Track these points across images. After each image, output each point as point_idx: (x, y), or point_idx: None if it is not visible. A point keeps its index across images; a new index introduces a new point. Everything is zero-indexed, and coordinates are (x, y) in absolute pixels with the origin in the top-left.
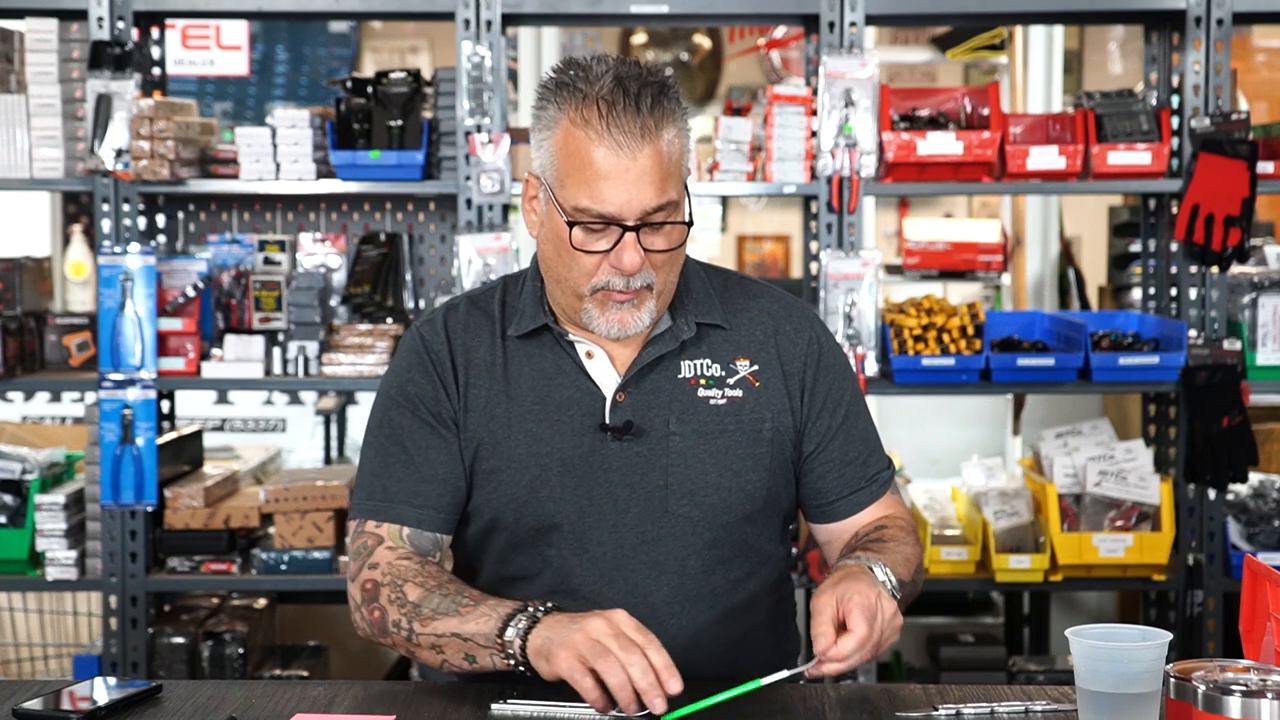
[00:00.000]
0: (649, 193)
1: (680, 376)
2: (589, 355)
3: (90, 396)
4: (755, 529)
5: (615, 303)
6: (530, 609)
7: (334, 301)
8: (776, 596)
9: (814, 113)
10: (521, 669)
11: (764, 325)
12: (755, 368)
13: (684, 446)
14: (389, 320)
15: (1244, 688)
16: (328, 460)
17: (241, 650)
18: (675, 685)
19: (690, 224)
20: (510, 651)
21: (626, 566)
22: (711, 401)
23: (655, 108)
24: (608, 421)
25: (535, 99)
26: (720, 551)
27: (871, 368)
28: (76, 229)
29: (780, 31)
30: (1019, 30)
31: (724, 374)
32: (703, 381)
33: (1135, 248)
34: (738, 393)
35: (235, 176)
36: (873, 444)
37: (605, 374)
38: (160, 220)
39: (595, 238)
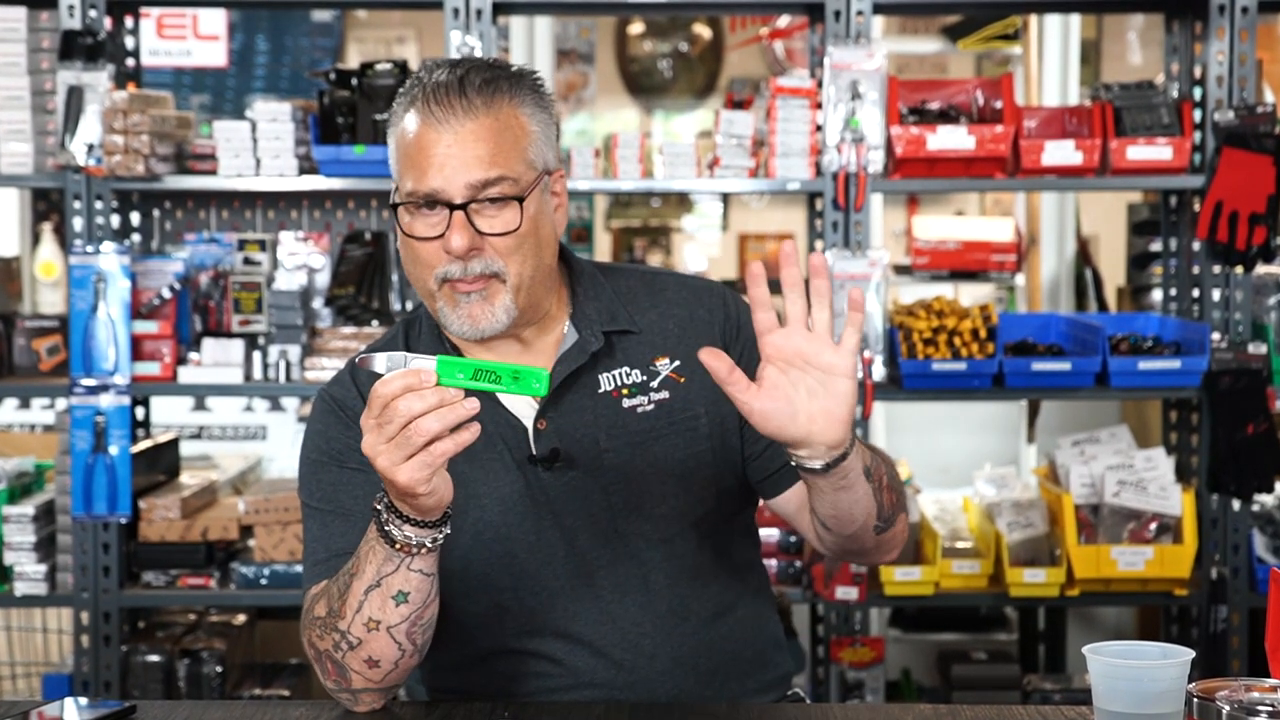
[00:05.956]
0: (472, 166)
1: (601, 391)
2: None
3: (61, 403)
4: (714, 530)
5: (462, 295)
6: (379, 508)
7: (317, 303)
8: (758, 601)
9: (819, 106)
10: (441, 536)
11: (676, 318)
12: (677, 364)
13: (619, 462)
14: (374, 323)
15: (1270, 708)
16: None
17: (220, 669)
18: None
19: (521, 199)
20: (415, 543)
21: (589, 595)
22: (639, 410)
23: (485, 87)
24: (534, 452)
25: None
26: (681, 562)
27: (879, 372)
28: (46, 227)
29: (783, 21)
30: (1034, 19)
31: (645, 379)
32: (625, 391)
33: (1155, 247)
34: (664, 394)
35: (213, 172)
36: None
37: (522, 403)
38: (135, 218)
39: (427, 221)
